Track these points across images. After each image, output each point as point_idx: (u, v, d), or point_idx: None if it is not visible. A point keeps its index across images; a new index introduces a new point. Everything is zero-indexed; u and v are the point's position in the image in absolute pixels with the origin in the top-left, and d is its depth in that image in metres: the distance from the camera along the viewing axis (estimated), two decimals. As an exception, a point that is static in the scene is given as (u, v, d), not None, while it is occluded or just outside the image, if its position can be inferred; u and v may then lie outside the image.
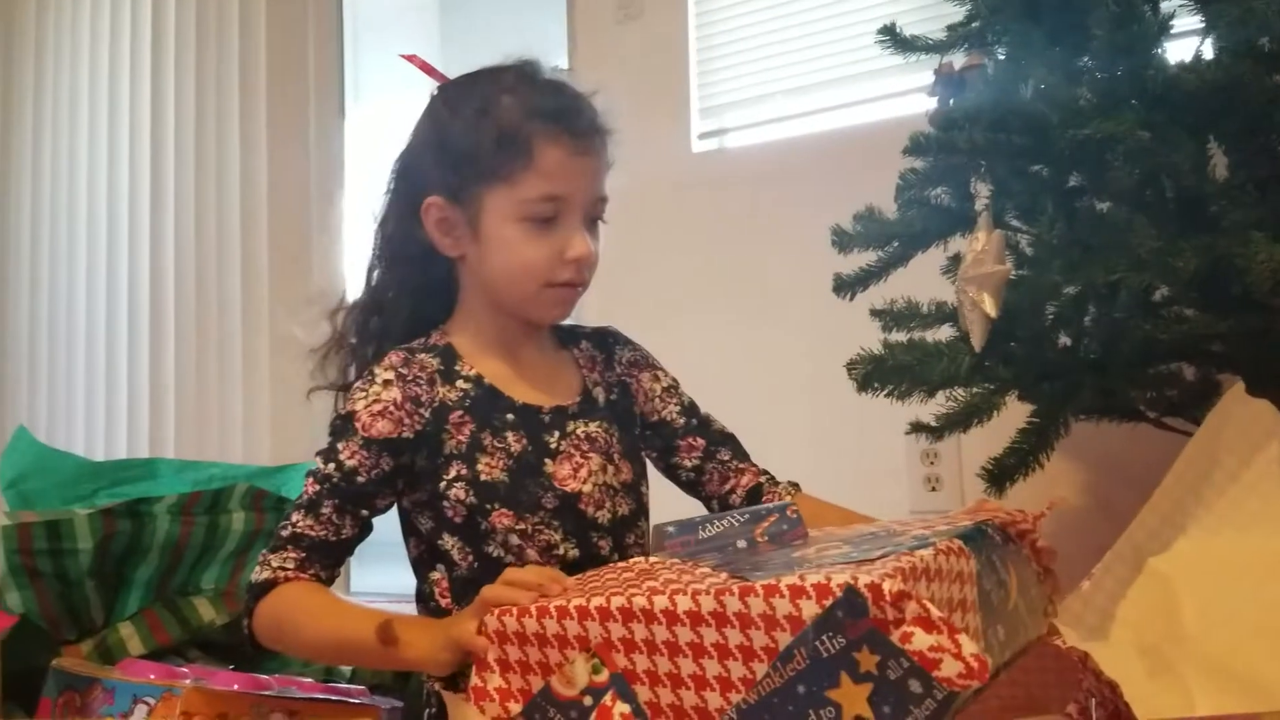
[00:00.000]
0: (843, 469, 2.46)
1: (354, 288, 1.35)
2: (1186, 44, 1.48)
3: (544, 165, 1.17)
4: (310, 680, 1.42)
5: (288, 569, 1.13)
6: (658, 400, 1.34)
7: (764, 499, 1.28)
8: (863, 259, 1.69)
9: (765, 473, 1.34)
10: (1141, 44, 1.40)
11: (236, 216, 3.37)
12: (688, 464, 1.34)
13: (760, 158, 2.59)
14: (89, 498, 2.00)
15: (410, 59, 1.30)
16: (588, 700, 0.85)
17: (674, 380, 1.38)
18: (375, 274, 1.31)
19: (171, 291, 3.48)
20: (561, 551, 1.18)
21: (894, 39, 1.72)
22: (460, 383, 1.21)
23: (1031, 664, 1.32)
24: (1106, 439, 1.78)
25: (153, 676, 1.19)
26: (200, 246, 3.43)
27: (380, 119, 3.30)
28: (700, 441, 1.33)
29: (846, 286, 1.69)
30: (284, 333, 1.39)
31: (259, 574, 1.14)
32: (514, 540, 1.17)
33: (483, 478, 1.17)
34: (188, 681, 1.16)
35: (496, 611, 0.90)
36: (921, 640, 0.72)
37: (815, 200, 2.25)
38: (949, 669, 0.71)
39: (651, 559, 0.98)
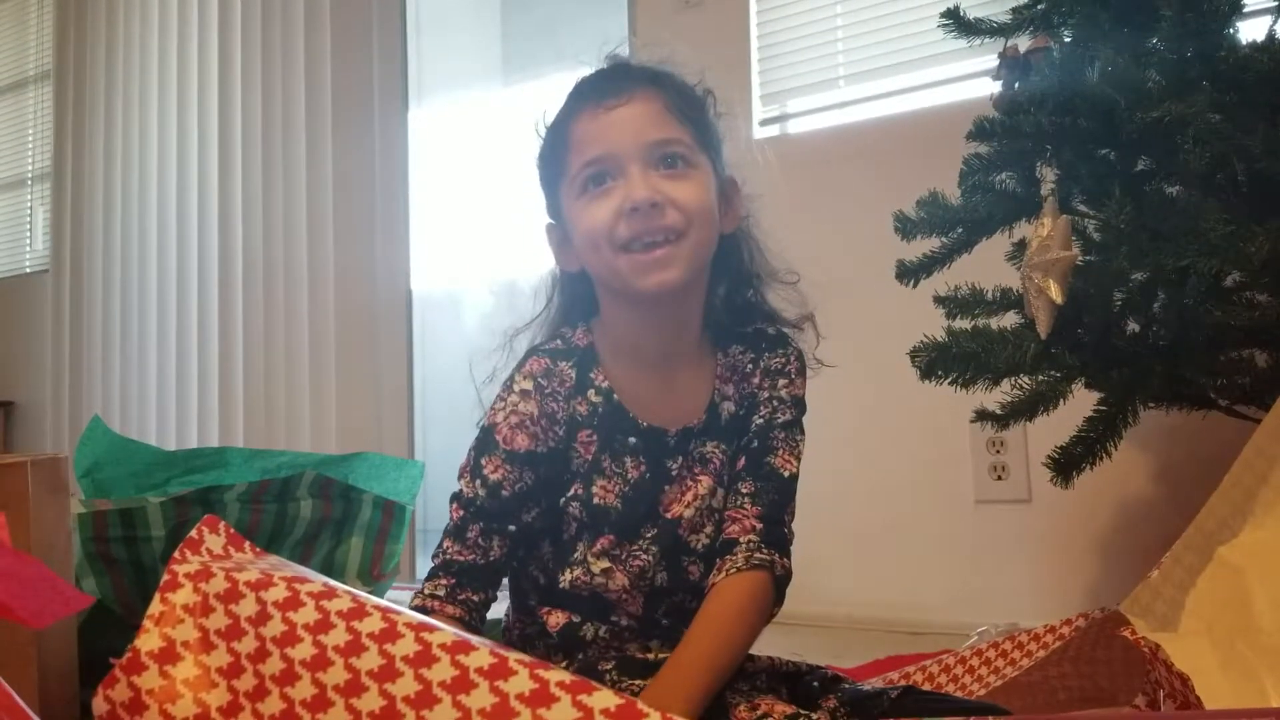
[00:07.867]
0: (907, 457, 2.46)
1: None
2: (1259, 24, 1.45)
3: (577, 137, 1.15)
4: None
5: (438, 595, 1.13)
6: (762, 405, 1.22)
7: (718, 560, 1.15)
8: (926, 245, 1.67)
9: (756, 533, 1.15)
10: (1212, 24, 1.37)
11: (303, 210, 3.42)
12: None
13: (822, 143, 2.58)
14: (162, 486, 2.03)
15: None
16: None
17: (794, 397, 1.23)
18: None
19: (240, 284, 3.54)
20: (652, 575, 1.16)
21: (957, 22, 1.70)
22: (591, 394, 1.18)
23: (1100, 655, 1.30)
24: (1176, 427, 1.75)
25: (223, 662, 1.21)
26: (267, 240, 3.49)
27: (443, 114, 3.33)
28: (741, 461, 1.20)
29: (910, 273, 1.67)
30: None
31: (412, 600, 1.14)
32: (603, 563, 1.15)
33: (595, 500, 1.16)
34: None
35: None
36: None
37: (878, 186, 2.24)
38: None
39: None
